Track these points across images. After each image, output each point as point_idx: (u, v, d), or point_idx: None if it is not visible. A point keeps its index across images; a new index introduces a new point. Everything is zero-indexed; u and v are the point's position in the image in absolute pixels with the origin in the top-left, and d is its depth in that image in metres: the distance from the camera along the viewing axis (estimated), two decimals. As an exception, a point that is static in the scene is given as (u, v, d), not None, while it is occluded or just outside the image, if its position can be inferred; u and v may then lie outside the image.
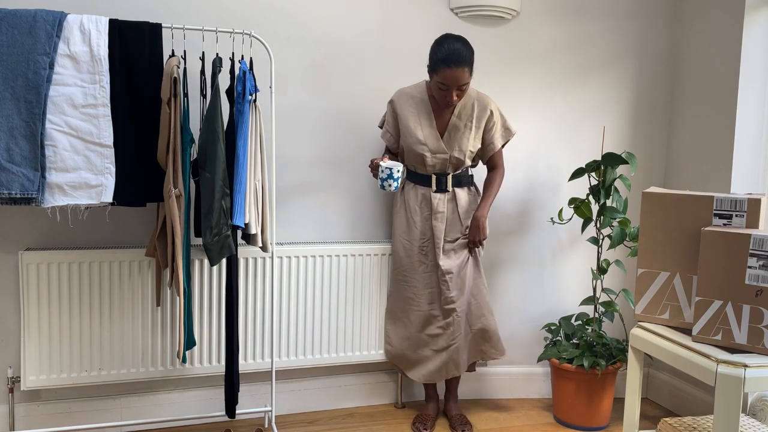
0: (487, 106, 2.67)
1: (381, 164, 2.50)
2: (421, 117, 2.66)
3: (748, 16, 2.73)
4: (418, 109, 2.67)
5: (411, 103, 2.68)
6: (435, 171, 2.70)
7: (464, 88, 2.53)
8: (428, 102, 2.67)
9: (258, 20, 2.73)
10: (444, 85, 2.50)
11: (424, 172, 2.72)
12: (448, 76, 2.47)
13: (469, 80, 2.53)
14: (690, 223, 2.05)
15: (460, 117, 2.66)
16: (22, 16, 2.16)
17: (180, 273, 2.30)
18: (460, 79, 2.48)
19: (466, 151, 2.66)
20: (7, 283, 2.53)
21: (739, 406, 1.78)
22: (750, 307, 1.87)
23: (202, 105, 2.44)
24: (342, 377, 3.01)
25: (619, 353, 2.85)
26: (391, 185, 2.48)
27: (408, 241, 2.76)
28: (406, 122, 2.67)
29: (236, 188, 2.35)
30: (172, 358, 2.64)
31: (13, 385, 2.51)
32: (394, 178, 2.48)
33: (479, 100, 2.67)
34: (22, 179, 2.15)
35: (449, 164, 2.69)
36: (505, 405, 3.11)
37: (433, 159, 2.67)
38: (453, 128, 2.66)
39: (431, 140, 2.65)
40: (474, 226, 2.72)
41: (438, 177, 2.70)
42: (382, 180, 2.49)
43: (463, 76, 2.48)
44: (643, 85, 3.19)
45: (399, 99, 2.71)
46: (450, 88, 2.50)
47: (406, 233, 2.76)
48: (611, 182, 2.82)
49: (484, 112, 2.67)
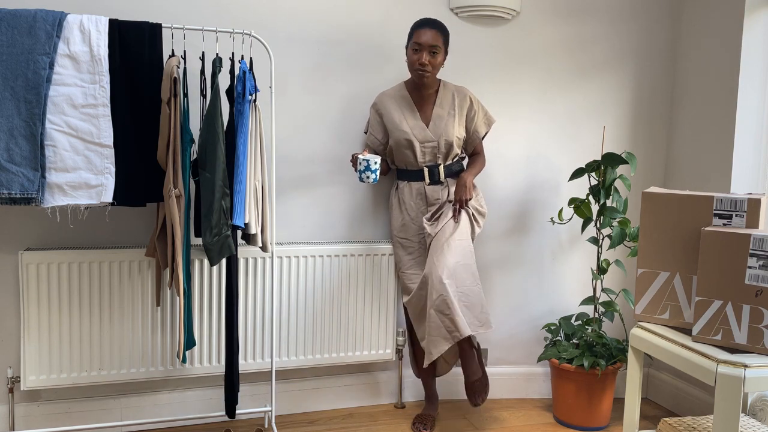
0: (466, 95, 2.76)
1: (359, 156, 2.54)
2: (404, 111, 2.73)
3: (748, 16, 2.73)
4: (401, 105, 2.73)
5: (393, 101, 2.75)
6: (426, 163, 2.73)
7: (436, 51, 2.59)
8: (409, 97, 2.74)
9: (258, 20, 2.73)
10: (417, 44, 2.59)
11: (415, 167, 2.74)
12: (421, 34, 2.59)
13: (442, 49, 2.62)
14: (690, 223, 2.05)
15: (442, 106, 2.73)
16: (22, 16, 2.16)
17: (180, 273, 2.30)
18: (433, 38, 2.58)
19: (453, 137, 2.70)
20: (7, 283, 2.53)
21: (739, 406, 1.78)
22: (750, 307, 1.87)
23: (202, 105, 2.44)
24: (342, 377, 3.01)
25: (619, 353, 2.85)
26: (369, 177, 2.52)
27: (407, 239, 2.78)
28: (390, 118, 2.72)
29: (236, 188, 2.35)
30: (172, 358, 2.64)
31: (13, 385, 2.51)
32: (371, 169, 2.52)
33: (458, 91, 2.76)
34: (22, 179, 2.14)
35: (439, 153, 2.72)
36: (505, 405, 3.11)
37: (423, 148, 2.70)
38: (437, 117, 2.72)
39: (417, 130, 2.70)
40: (460, 185, 2.71)
41: (430, 169, 2.73)
42: (360, 172, 2.53)
43: (436, 38, 2.59)
44: (643, 85, 3.19)
45: (381, 100, 2.77)
46: (422, 48, 2.58)
47: (404, 231, 2.78)
48: (611, 182, 2.82)
49: (464, 101, 2.75)
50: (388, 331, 2.94)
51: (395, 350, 2.96)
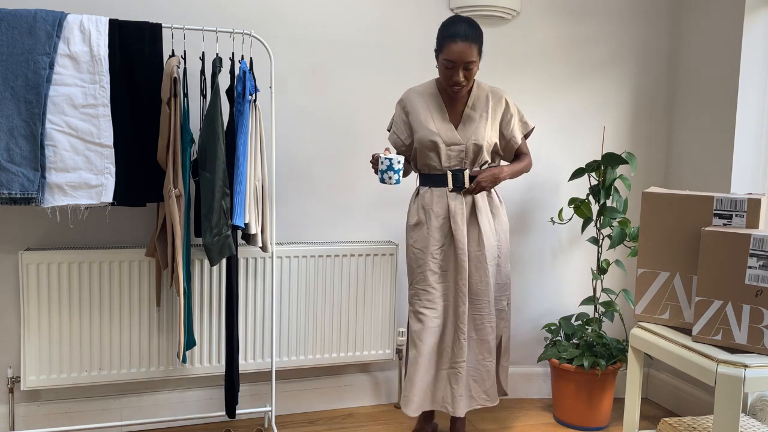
0: (501, 97, 2.54)
1: (381, 156, 2.36)
2: (432, 110, 2.51)
3: (748, 16, 2.73)
4: (429, 103, 2.52)
5: (421, 99, 2.54)
6: (451, 167, 2.49)
7: (471, 66, 2.38)
8: (439, 96, 2.52)
9: (258, 20, 2.73)
10: (449, 62, 2.36)
11: (439, 171, 2.50)
12: (454, 50, 2.34)
13: (477, 60, 2.40)
14: (690, 223, 2.05)
15: (474, 108, 2.50)
16: (22, 16, 2.16)
17: (180, 273, 2.30)
18: (466, 54, 2.35)
19: (482, 141, 2.46)
20: (7, 283, 2.53)
21: (739, 406, 1.78)
22: (750, 307, 1.87)
23: (202, 105, 2.44)
24: (342, 377, 3.01)
25: (619, 353, 2.85)
26: (392, 177, 2.33)
27: (421, 251, 2.52)
28: (416, 116, 2.51)
29: (236, 188, 2.35)
30: (172, 358, 2.64)
31: (13, 385, 2.51)
32: (394, 169, 2.32)
33: (493, 93, 2.54)
34: (22, 179, 2.15)
35: (466, 157, 2.48)
36: (505, 405, 3.11)
37: (449, 151, 2.47)
38: (467, 119, 2.50)
39: (444, 131, 2.47)
40: (491, 170, 2.49)
41: (454, 174, 2.48)
42: (382, 172, 2.34)
43: (470, 52, 2.35)
44: (643, 85, 3.19)
45: (408, 97, 2.57)
46: (456, 66, 2.36)
47: (421, 241, 2.52)
48: (611, 182, 2.82)
49: (499, 103, 2.53)
50: (388, 331, 2.93)
51: (395, 350, 2.96)
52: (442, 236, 2.50)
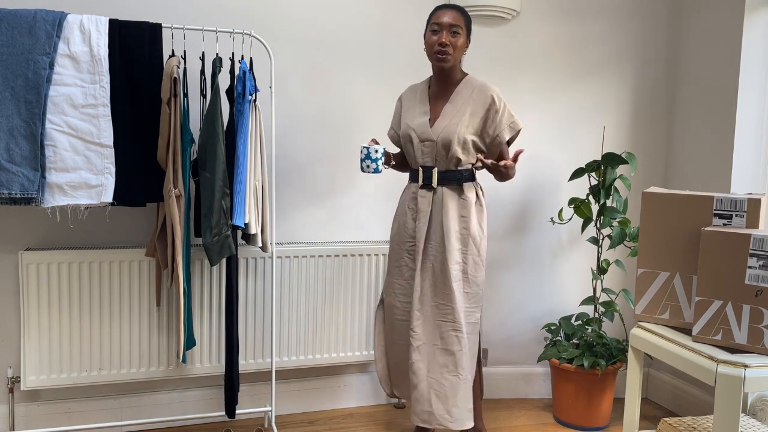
0: (488, 93, 2.44)
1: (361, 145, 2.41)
2: (417, 105, 2.52)
3: (748, 16, 2.73)
4: (417, 98, 2.54)
5: (413, 94, 2.57)
6: (424, 162, 2.46)
7: (457, 31, 2.38)
8: (426, 91, 2.53)
9: (258, 20, 2.73)
10: (436, 24, 2.39)
11: (414, 166, 2.50)
12: (440, 15, 2.40)
13: (463, 33, 2.40)
14: (690, 223, 2.05)
15: (455, 102, 2.45)
16: (22, 16, 2.16)
17: (180, 273, 2.30)
18: (453, 18, 2.38)
19: (452, 137, 2.38)
20: (7, 283, 2.53)
21: (739, 406, 1.78)
22: (750, 307, 1.87)
23: (202, 105, 2.44)
24: (342, 377, 3.01)
25: (619, 353, 2.85)
26: (370, 166, 2.36)
27: (397, 244, 2.54)
28: (405, 111, 2.55)
29: (236, 188, 2.35)
30: (172, 358, 2.64)
31: (13, 385, 2.51)
32: (371, 158, 2.35)
33: (480, 88, 2.46)
34: (22, 179, 2.15)
35: (437, 155, 2.43)
36: (505, 405, 3.11)
37: (423, 147, 2.44)
38: (444, 114, 2.44)
39: (419, 125, 2.46)
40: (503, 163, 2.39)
41: (425, 171, 2.45)
42: (361, 161, 2.38)
43: (457, 18, 2.39)
44: (643, 85, 3.19)
45: (406, 92, 2.60)
46: (442, 27, 2.38)
47: (397, 235, 2.54)
48: (611, 182, 2.82)
49: (484, 98, 2.43)
50: (388, 331, 2.93)
51: (395, 350, 2.96)
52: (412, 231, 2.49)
